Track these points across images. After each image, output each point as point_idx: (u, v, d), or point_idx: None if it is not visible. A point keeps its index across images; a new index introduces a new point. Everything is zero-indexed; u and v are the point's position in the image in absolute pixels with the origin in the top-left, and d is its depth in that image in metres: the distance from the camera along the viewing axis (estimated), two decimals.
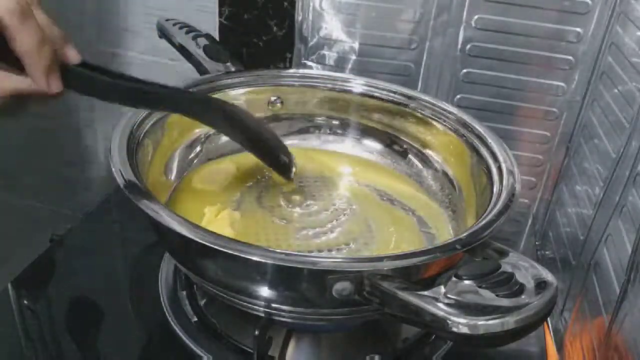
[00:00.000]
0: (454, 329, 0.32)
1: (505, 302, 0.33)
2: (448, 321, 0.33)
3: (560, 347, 0.58)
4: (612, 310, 0.46)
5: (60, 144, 0.94)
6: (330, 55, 0.71)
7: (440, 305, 0.33)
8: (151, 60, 0.81)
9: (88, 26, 0.81)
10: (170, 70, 0.81)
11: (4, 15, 0.32)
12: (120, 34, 0.80)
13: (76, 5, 0.80)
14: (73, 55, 0.39)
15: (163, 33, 0.66)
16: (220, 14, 0.75)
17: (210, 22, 0.73)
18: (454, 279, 0.35)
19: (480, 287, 0.34)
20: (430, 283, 0.35)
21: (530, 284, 0.35)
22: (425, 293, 0.34)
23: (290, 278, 0.39)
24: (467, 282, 0.35)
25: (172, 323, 0.49)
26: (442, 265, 0.38)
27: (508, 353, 0.51)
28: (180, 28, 0.65)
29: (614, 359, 0.45)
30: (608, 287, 0.48)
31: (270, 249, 0.37)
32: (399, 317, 0.36)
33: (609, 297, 0.48)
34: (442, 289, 0.35)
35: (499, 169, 0.48)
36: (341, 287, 0.37)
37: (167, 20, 0.67)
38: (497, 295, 0.34)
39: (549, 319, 0.61)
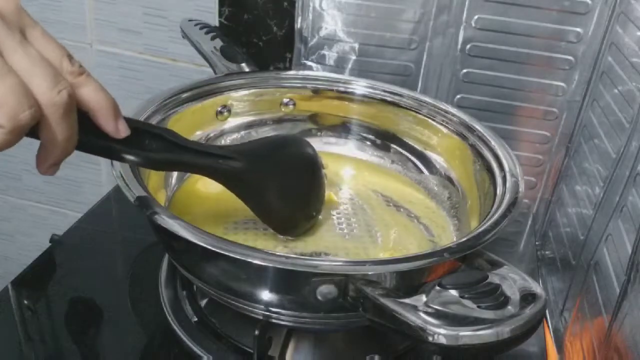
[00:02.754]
0: (431, 339, 0.32)
1: (486, 314, 0.33)
2: (426, 330, 0.32)
3: (560, 347, 0.58)
4: (612, 310, 0.46)
5: None
6: (330, 55, 0.71)
7: (420, 313, 0.33)
8: (151, 60, 0.81)
9: (88, 26, 0.81)
10: (170, 70, 0.81)
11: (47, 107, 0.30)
12: (120, 34, 0.80)
13: (76, 5, 0.80)
14: (122, 130, 0.35)
15: (185, 33, 0.67)
16: (220, 14, 0.75)
17: (210, 22, 0.73)
18: (437, 287, 0.35)
19: (463, 297, 0.34)
20: (416, 291, 0.35)
21: (515, 296, 0.34)
22: (406, 301, 0.34)
23: (276, 279, 0.39)
24: (451, 291, 0.34)
25: (172, 323, 0.49)
26: (434, 273, 0.38)
27: (508, 353, 0.50)
28: (201, 29, 0.66)
29: (614, 359, 0.45)
30: (608, 287, 0.48)
31: (253, 249, 0.37)
32: (380, 325, 0.35)
33: (609, 297, 0.48)
34: (424, 297, 0.34)
35: (503, 177, 0.48)
36: (326, 290, 0.37)
37: (189, 20, 0.68)
38: (479, 307, 0.33)
39: (549, 319, 0.61)
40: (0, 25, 0.29)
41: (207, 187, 0.56)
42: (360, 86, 0.61)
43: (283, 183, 0.48)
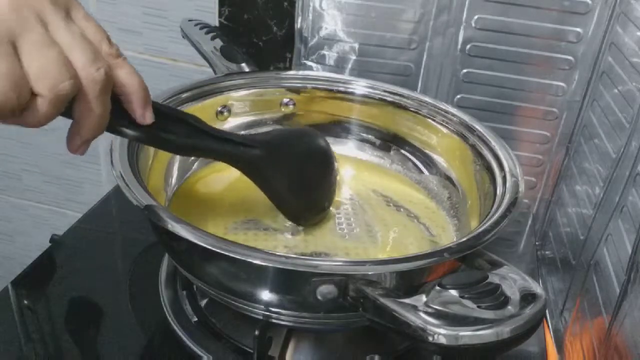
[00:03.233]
0: (431, 339, 0.32)
1: (486, 313, 0.33)
2: (426, 330, 0.32)
3: (560, 347, 0.58)
4: (612, 310, 0.46)
5: (60, 143, 0.94)
6: (330, 56, 0.71)
7: (420, 313, 0.33)
8: (151, 60, 0.81)
9: None
10: (170, 70, 0.81)
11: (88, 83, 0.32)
12: (120, 34, 0.80)
13: None
14: (148, 117, 0.37)
15: (184, 33, 0.67)
16: (220, 14, 0.75)
17: (210, 22, 0.73)
18: (437, 287, 0.35)
19: (463, 297, 0.34)
20: (416, 291, 0.35)
21: (515, 296, 0.34)
22: (406, 301, 0.34)
23: (276, 279, 0.39)
24: (451, 291, 0.34)
25: (172, 323, 0.49)
26: (434, 273, 0.38)
27: (508, 353, 0.50)
28: (201, 29, 0.66)
29: (614, 359, 0.45)
30: (608, 287, 0.48)
31: (253, 249, 0.37)
32: (380, 325, 0.35)
33: (609, 297, 0.48)
34: (424, 297, 0.34)
35: (503, 177, 0.48)
36: (326, 290, 0.37)
37: (189, 20, 0.68)
38: (479, 307, 0.33)
39: (549, 319, 0.61)
40: (47, 1, 0.31)
41: (207, 187, 0.56)
42: (360, 86, 0.61)
43: (299, 173, 0.49)
